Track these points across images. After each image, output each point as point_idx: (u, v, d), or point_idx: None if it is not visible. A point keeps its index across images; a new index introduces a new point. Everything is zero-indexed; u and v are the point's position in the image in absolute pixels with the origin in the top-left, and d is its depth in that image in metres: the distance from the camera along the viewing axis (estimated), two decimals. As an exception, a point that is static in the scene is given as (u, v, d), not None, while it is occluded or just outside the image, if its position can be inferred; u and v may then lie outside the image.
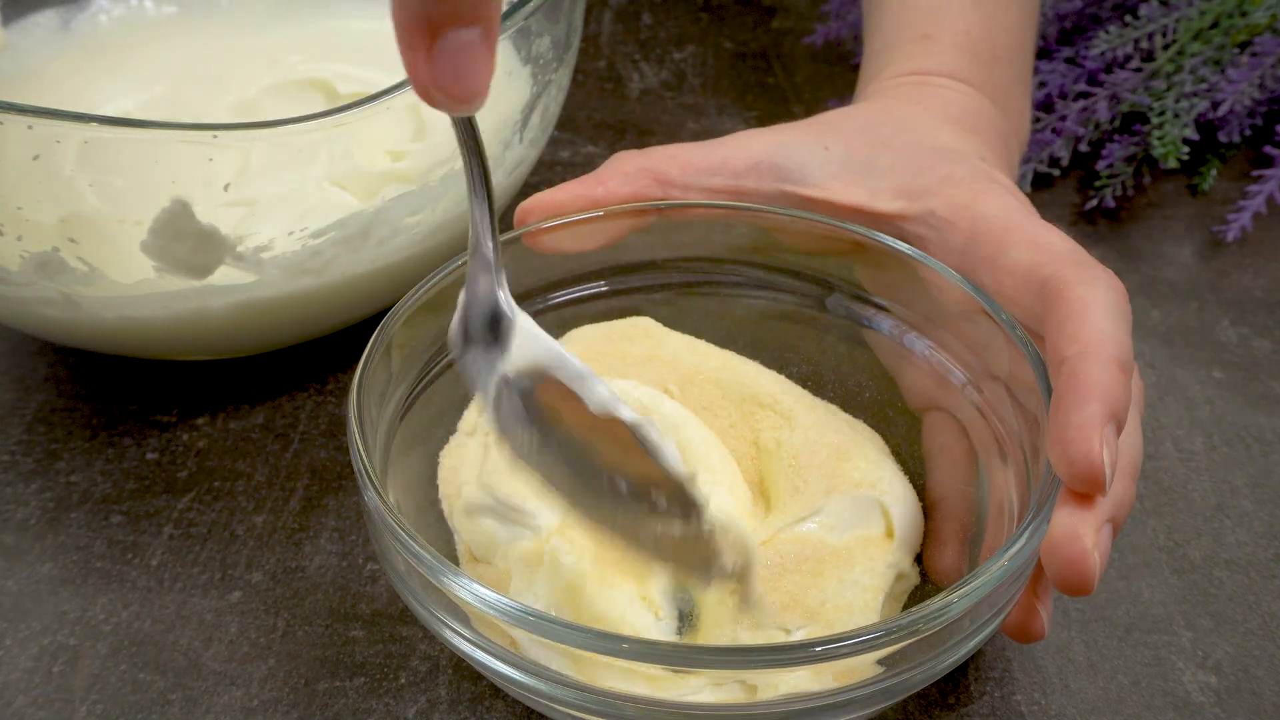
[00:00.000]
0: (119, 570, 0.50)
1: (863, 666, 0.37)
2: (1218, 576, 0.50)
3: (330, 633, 0.48)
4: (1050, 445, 0.39)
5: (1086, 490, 0.38)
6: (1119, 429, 0.39)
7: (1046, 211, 0.67)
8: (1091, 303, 0.42)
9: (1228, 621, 0.49)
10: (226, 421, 0.57)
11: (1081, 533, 0.38)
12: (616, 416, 0.38)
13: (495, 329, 0.39)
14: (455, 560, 0.46)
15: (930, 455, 0.48)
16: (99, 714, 0.45)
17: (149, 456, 0.55)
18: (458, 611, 0.39)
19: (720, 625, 0.42)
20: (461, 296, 0.39)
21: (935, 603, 0.37)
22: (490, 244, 0.38)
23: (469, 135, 0.37)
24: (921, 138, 0.51)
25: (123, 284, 0.51)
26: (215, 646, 0.48)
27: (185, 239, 0.50)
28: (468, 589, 0.37)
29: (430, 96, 0.33)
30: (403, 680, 0.47)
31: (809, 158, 0.49)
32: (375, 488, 0.40)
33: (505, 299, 0.39)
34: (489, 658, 0.39)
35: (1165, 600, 0.49)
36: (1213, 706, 0.46)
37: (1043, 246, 0.44)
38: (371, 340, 0.44)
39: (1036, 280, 0.43)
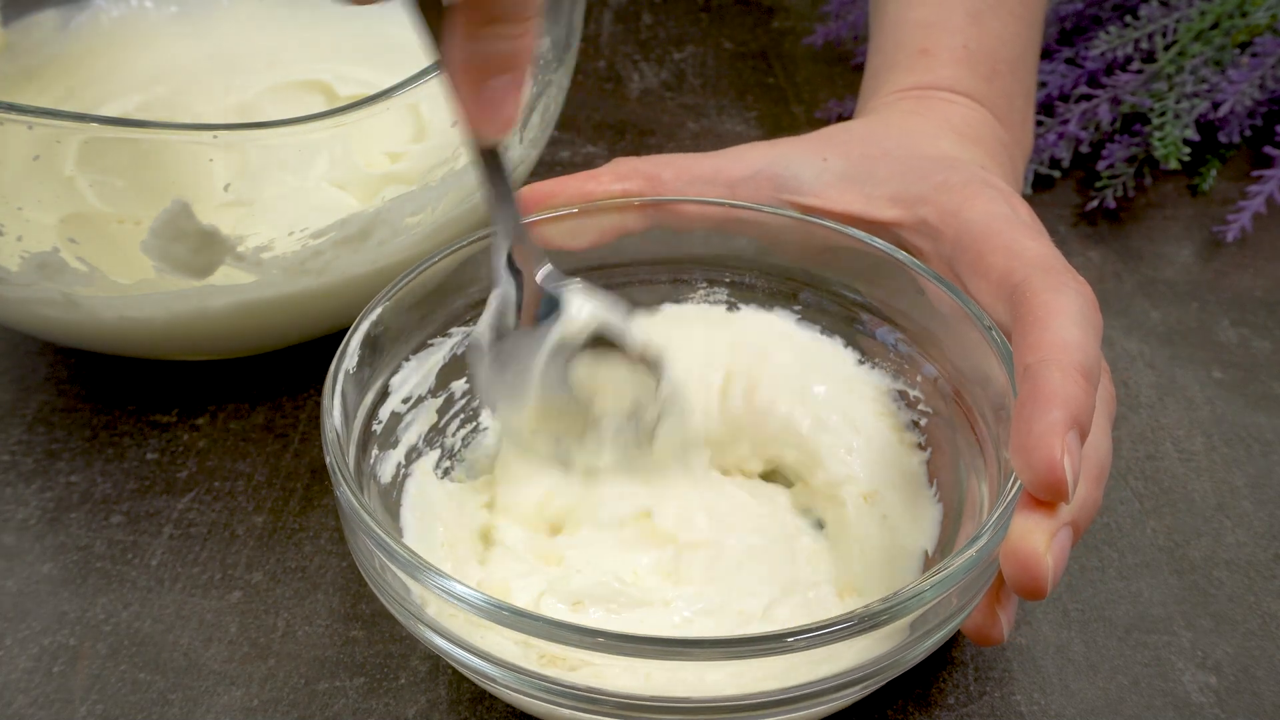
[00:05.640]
0: (119, 570, 0.50)
1: (830, 656, 0.37)
2: (1218, 576, 0.50)
3: (330, 633, 0.48)
4: (1013, 453, 0.39)
5: (1049, 497, 0.38)
6: (1083, 436, 0.39)
7: (1047, 212, 0.67)
8: (1056, 310, 0.41)
9: (1228, 621, 0.49)
10: (226, 421, 0.57)
11: (1035, 537, 0.38)
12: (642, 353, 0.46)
13: (549, 311, 0.45)
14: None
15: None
16: (99, 714, 0.45)
17: (149, 456, 0.55)
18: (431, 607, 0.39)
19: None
20: (494, 297, 0.45)
21: (897, 596, 0.37)
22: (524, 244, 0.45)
23: (494, 159, 0.43)
24: (922, 147, 0.51)
25: (123, 284, 0.51)
26: (215, 646, 0.48)
27: (185, 239, 0.50)
28: (439, 584, 0.37)
29: (476, 127, 0.40)
30: (403, 680, 0.47)
31: (805, 169, 0.49)
32: (347, 484, 0.40)
33: (549, 280, 0.45)
34: (464, 653, 0.39)
35: (1165, 600, 0.49)
36: (1212, 707, 0.46)
37: (1016, 253, 0.44)
38: (347, 336, 0.44)
39: (1008, 287, 0.43)
